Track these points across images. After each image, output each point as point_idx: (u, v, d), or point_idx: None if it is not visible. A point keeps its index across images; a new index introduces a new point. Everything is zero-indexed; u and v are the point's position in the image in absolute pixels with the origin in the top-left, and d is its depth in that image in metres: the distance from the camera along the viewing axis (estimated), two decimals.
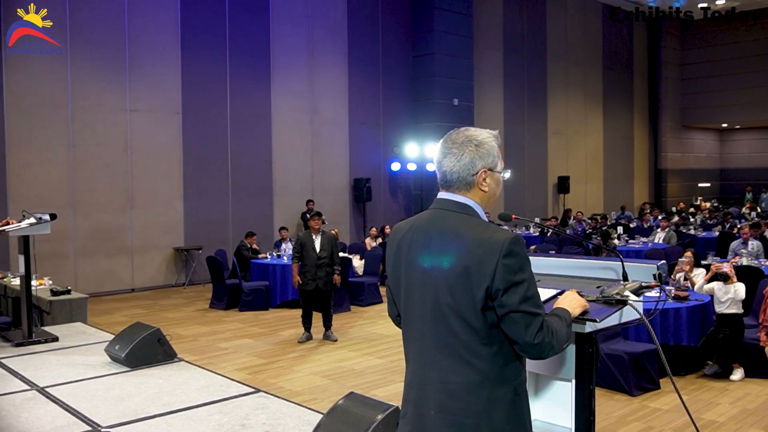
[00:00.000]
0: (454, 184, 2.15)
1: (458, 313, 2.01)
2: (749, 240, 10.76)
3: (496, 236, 2.00)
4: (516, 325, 1.97)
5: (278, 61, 14.54)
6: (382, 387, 6.60)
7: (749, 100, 23.09)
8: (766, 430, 5.43)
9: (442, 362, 2.05)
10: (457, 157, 2.13)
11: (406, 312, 2.18)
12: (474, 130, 2.17)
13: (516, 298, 1.96)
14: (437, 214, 2.16)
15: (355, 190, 15.82)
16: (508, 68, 19.11)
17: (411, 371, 2.18)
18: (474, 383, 2.01)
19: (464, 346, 2.02)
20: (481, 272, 1.97)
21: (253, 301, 10.66)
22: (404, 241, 2.20)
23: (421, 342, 2.12)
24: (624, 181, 23.43)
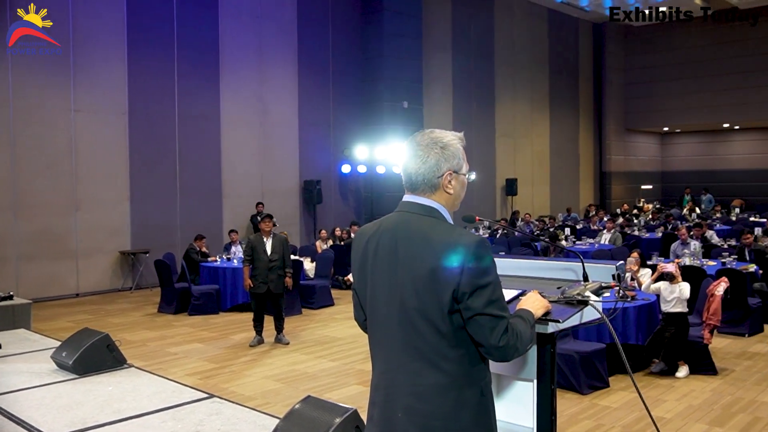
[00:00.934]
0: (420, 187, 2.14)
1: (425, 316, 2.01)
2: (690, 241, 11.08)
3: (462, 239, 2.01)
4: (481, 328, 1.98)
5: (227, 61, 14.36)
6: (337, 390, 6.57)
7: (689, 105, 23.81)
8: (711, 424, 5.59)
9: (410, 365, 2.05)
10: (423, 160, 2.13)
11: (373, 315, 2.18)
12: (439, 132, 2.18)
13: (481, 301, 1.97)
14: (403, 217, 2.15)
15: (305, 193, 15.73)
16: (457, 71, 19.28)
17: (378, 374, 2.17)
18: (442, 385, 2.01)
19: (432, 348, 2.02)
20: (448, 275, 1.98)
21: (202, 305, 10.50)
22: (370, 244, 2.18)
23: (388, 345, 2.11)
24: (570, 184, 23.88)
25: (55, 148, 11.99)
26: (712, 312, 6.90)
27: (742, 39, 22.54)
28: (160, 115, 13.32)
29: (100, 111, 12.52)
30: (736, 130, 25.31)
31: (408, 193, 2.19)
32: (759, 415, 5.80)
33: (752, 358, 7.63)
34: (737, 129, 25.24)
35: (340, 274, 12.99)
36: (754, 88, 22.32)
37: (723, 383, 6.69)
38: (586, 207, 22.93)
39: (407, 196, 2.20)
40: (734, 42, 22.75)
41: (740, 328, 8.61)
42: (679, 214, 19.51)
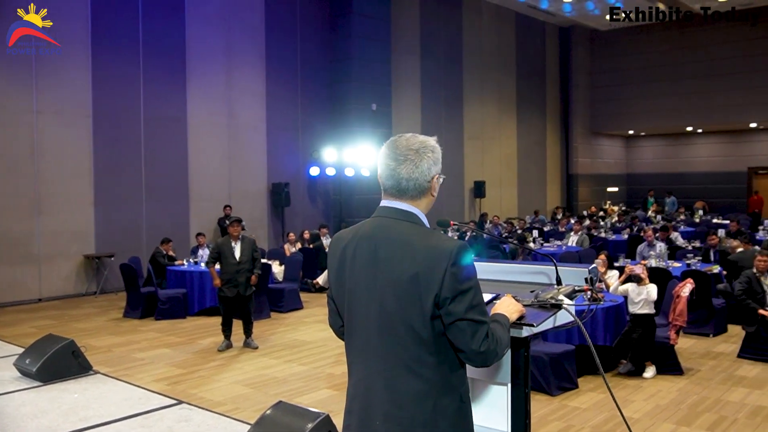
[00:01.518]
0: (409, 192, 2.12)
1: (406, 322, 2.00)
2: (655, 242, 11.24)
3: (444, 245, 2.00)
4: (462, 333, 1.97)
5: (194, 64, 14.21)
6: (307, 394, 6.52)
7: (653, 109, 24.19)
8: (678, 424, 5.66)
9: (389, 372, 2.03)
10: (415, 164, 2.11)
11: (351, 322, 2.15)
12: (422, 137, 2.17)
13: (462, 307, 1.96)
14: (383, 223, 2.13)
15: (273, 195, 15.63)
16: (425, 74, 19.34)
17: (355, 382, 2.15)
18: (421, 392, 2.00)
19: (411, 355, 2.00)
20: (430, 281, 1.96)
21: (169, 309, 10.36)
22: (348, 250, 2.16)
23: (366, 352, 2.09)
24: (537, 186, 24.09)
25: (16, 150, 11.75)
26: (678, 313, 7.00)
27: (705, 44, 22.98)
28: (125, 117, 13.13)
29: (63, 113, 12.29)
30: (699, 133, 25.79)
31: (389, 198, 2.15)
32: (724, 414, 5.89)
33: (717, 357, 7.76)
34: (700, 132, 25.72)
35: (309, 277, 12.93)
36: (717, 92, 22.76)
37: (689, 383, 6.78)
38: (553, 209, 23.14)
39: (387, 201, 2.16)
40: (697, 47, 23.18)
41: (705, 329, 8.75)
42: (644, 216, 19.80)
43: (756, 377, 6.96)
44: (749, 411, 5.95)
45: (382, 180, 2.16)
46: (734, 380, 6.87)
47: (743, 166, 24.92)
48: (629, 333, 6.95)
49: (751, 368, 7.29)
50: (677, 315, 7.01)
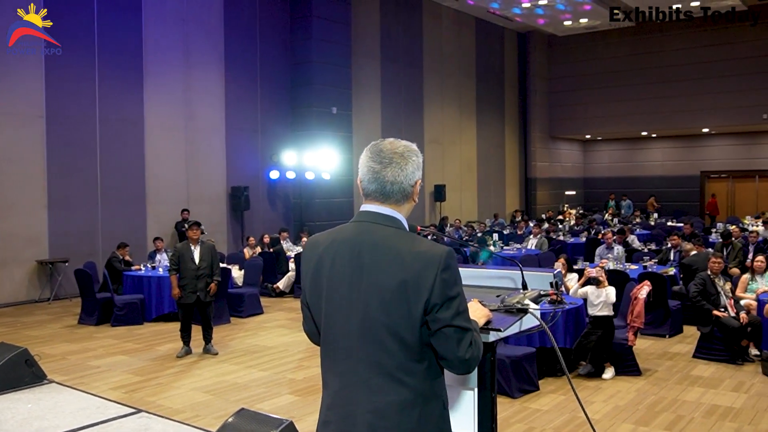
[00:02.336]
0: (393, 196, 2.09)
1: (392, 329, 1.95)
2: (613, 245, 11.42)
3: (433, 250, 1.97)
4: (449, 340, 1.94)
5: (151, 64, 13.98)
6: (268, 400, 6.44)
7: (610, 113, 24.62)
8: (636, 424, 5.75)
9: (372, 381, 1.97)
10: (401, 167, 2.09)
11: (329, 330, 2.07)
12: (405, 141, 2.16)
13: (450, 313, 1.94)
14: (366, 227, 2.08)
15: (232, 199, 15.46)
16: (386, 77, 19.36)
17: (333, 392, 2.06)
18: (406, 401, 1.96)
19: (397, 363, 1.96)
20: (419, 287, 1.93)
21: (126, 315, 10.16)
22: (326, 254, 2.09)
23: (347, 361, 2.02)
24: (496, 189, 24.30)
25: None
26: (636, 314, 7.11)
27: (660, 50, 23.49)
28: (80, 118, 12.84)
29: (14, 114, 11.97)
30: (654, 138, 26.33)
31: (372, 202, 2.11)
32: (681, 413, 5.99)
33: (673, 358, 7.91)
34: (655, 137, 26.25)
35: (269, 282, 12.82)
36: (671, 98, 23.27)
37: (647, 383, 6.90)
38: (512, 213, 23.36)
39: (369, 205, 2.12)
40: (652, 53, 23.67)
41: (661, 330, 8.92)
42: (602, 219, 20.12)
43: (711, 377, 7.11)
44: (705, 410, 6.07)
45: (364, 184, 2.11)
46: (690, 380, 7.00)
47: (696, 171, 25.52)
48: (589, 335, 7.03)
49: (706, 368, 7.44)
50: (635, 317, 7.11)
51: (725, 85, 22.27)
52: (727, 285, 8.14)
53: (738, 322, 7.59)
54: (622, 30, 23.75)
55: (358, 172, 2.16)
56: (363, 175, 2.12)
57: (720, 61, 22.34)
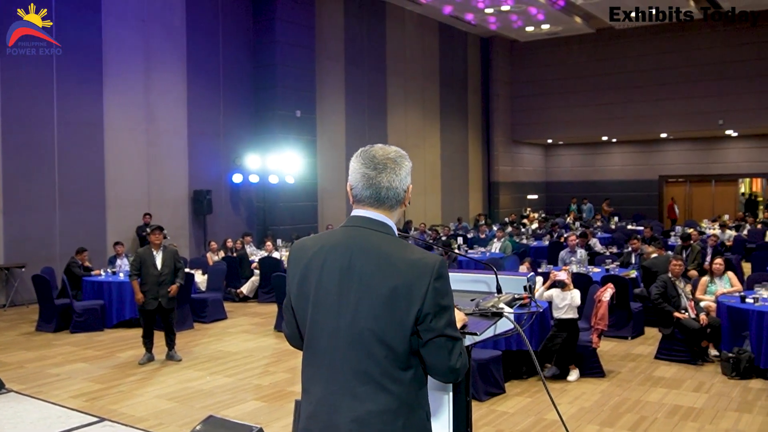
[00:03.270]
0: (387, 201, 2.07)
1: (381, 337, 1.93)
2: (576, 249, 11.55)
3: (426, 258, 1.96)
4: (440, 350, 1.94)
5: (111, 66, 13.71)
6: (234, 407, 6.36)
7: (571, 118, 24.95)
8: (602, 425, 5.81)
9: (357, 389, 1.95)
10: (396, 173, 2.08)
11: (314, 335, 2.03)
12: (394, 147, 2.14)
13: (442, 323, 1.93)
14: (358, 232, 2.05)
15: (194, 203, 15.26)
16: (350, 81, 19.33)
17: (315, 400, 2.02)
18: (391, 411, 1.93)
19: (383, 371, 1.93)
20: (411, 295, 1.92)
21: (86, 321, 9.95)
22: (316, 259, 2.06)
23: (331, 368, 1.99)
24: (460, 193, 24.43)
25: None
26: (600, 317, 7.19)
27: (620, 57, 23.88)
28: (37, 120, 12.54)
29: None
30: (614, 143, 26.75)
31: (365, 207, 2.09)
32: (644, 414, 6.08)
33: (635, 359, 8.02)
34: (615, 142, 26.67)
35: (233, 287, 12.68)
36: (630, 103, 23.68)
37: (611, 385, 6.98)
38: (475, 216, 23.50)
39: (361, 210, 2.09)
40: (612, 59, 24.06)
41: (623, 331, 9.04)
42: (564, 222, 20.35)
43: (673, 377, 7.22)
44: (667, 410, 6.16)
45: (357, 190, 2.08)
46: (653, 381, 7.11)
47: (654, 175, 26.00)
48: (554, 338, 7.09)
49: (667, 369, 7.56)
50: (599, 319, 7.19)
51: (683, 91, 22.75)
52: (688, 287, 8.28)
53: (698, 324, 7.73)
54: (583, 36, 24.11)
55: (348, 178, 2.15)
56: (356, 182, 2.09)
57: (678, 67, 22.82)
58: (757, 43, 21.51)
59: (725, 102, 21.96)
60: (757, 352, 7.08)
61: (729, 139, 24.44)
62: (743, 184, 25.68)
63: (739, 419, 5.90)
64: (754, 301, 7.42)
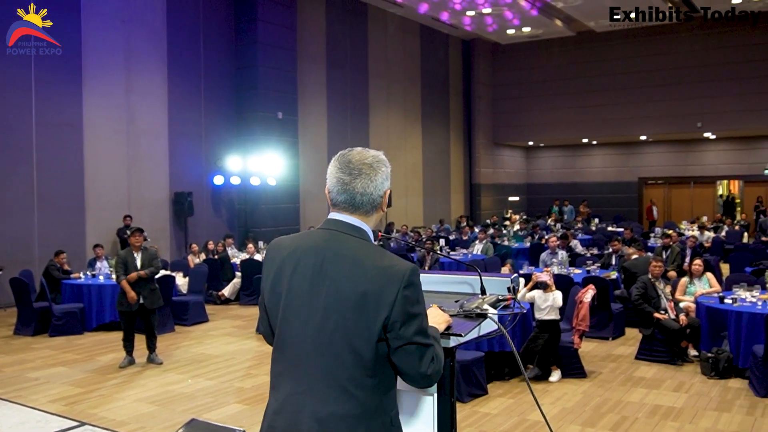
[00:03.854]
0: (362, 207, 2.07)
1: (348, 341, 1.93)
2: (557, 250, 11.62)
3: (397, 266, 1.96)
4: (410, 356, 1.94)
5: (91, 66, 13.57)
6: (216, 410, 6.32)
7: (552, 121, 25.10)
8: (583, 425, 5.84)
9: (321, 391, 1.96)
10: (371, 178, 2.07)
11: (284, 335, 2.05)
12: (374, 151, 2.13)
13: (411, 330, 1.93)
14: (333, 236, 2.06)
15: (175, 205, 15.15)
16: (332, 83, 19.30)
17: (281, 398, 2.03)
18: (352, 415, 1.94)
19: (348, 376, 1.94)
20: (380, 302, 1.92)
21: (65, 325, 9.84)
22: (289, 259, 2.07)
23: (298, 368, 2.00)
24: (442, 195, 24.48)
25: None
26: (581, 318, 7.24)
27: (601, 60, 24.07)
28: (15, 121, 12.39)
29: None
30: (594, 145, 26.94)
31: (341, 211, 2.09)
32: (626, 414, 6.12)
33: (616, 360, 8.07)
34: (595, 144, 26.87)
35: (214, 289, 12.61)
36: (610, 105, 23.87)
37: (592, 385, 7.02)
38: (457, 218, 23.56)
39: (338, 214, 2.10)
40: (593, 62, 24.24)
41: (604, 332, 9.11)
42: (545, 224, 20.46)
43: (653, 378, 7.28)
44: (648, 410, 6.21)
45: (332, 195, 2.09)
46: (633, 381, 7.16)
47: (634, 177, 26.22)
48: (536, 338, 7.13)
49: (648, 369, 7.62)
50: (580, 320, 7.24)
51: (662, 94, 22.98)
52: (667, 288, 8.36)
53: (678, 324, 7.81)
54: (564, 39, 24.27)
55: (326, 181, 2.14)
56: (332, 186, 2.09)
57: (657, 70, 23.05)
58: (735, 46, 21.79)
59: (704, 105, 22.21)
60: (735, 352, 7.16)
61: (707, 141, 24.71)
62: (721, 186, 25.96)
63: (718, 418, 5.97)
64: (733, 301, 7.50)
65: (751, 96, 21.52)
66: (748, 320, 7.08)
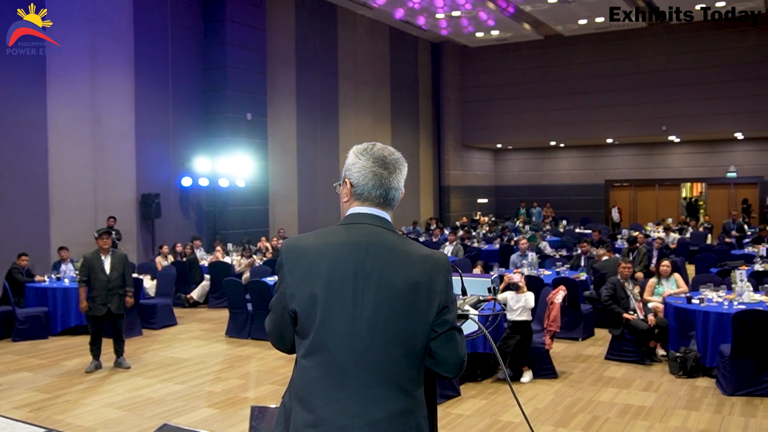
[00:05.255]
0: (393, 201, 2.12)
1: (400, 335, 1.91)
2: (527, 252, 11.70)
3: (437, 254, 2.03)
4: (453, 342, 1.98)
5: (55, 66, 13.28)
6: (186, 414, 6.22)
7: (520, 123, 25.28)
8: (555, 425, 5.87)
9: (372, 390, 1.88)
10: (402, 174, 2.16)
11: (322, 338, 1.92)
12: (391, 148, 2.19)
13: (453, 315, 2.00)
14: (372, 230, 2.01)
15: (143, 206, 14.92)
16: (301, 84, 19.20)
17: (319, 406, 1.90)
18: (406, 410, 1.91)
19: (401, 371, 1.91)
20: (433, 289, 1.94)
21: (29, 329, 9.64)
22: (322, 258, 1.96)
23: (343, 371, 1.90)
24: (411, 197, 24.49)
25: None
26: (552, 319, 7.29)
27: (568, 63, 24.32)
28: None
29: None
30: (562, 147, 27.21)
31: (369, 205, 2.08)
32: (597, 414, 6.17)
33: (587, 360, 8.15)
34: (562, 147, 27.13)
35: (183, 292, 12.46)
36: (577, 109, 24.13)
37: (563, 385, 7.07)
38: (427, 220, 23.61)
39: (365, 208, 2.08)
40: (560, 66, 24.49)
41: (574, 333, 9.19)
42: (513, 226, 20.61)
43: (623, 377, 7.36)
44: (619, 410, 6.27)
45: (364, 188, 2.08)
46: (604, 381, 7.23)
47: (601, 179, 26.54)
48: (508, 339, 7.15)
49: (618, 369, 7.71)
50: (551, 321, 7.29)
51: (628, 98, 23.30)
52: (636, 289, 8.46)
53: (646, 324, 7.91)
54: (531, 43, 24.48)
55: (344, 174, 2.19)
56: (364, 180, 2.09)
57: (623, 74, 23.37)
58: (698, 51, 22.18)
59: (668, 109, 22.57)
60: (703, 352, 7.27)
61: (672, 144, 25.12)
62: (685, 189, 26.40)
63: (687, 417, 6.05)
64: (700, 301, 7.62)
65: (714, 100, 21.93)
66: (715, 320, 7.20)
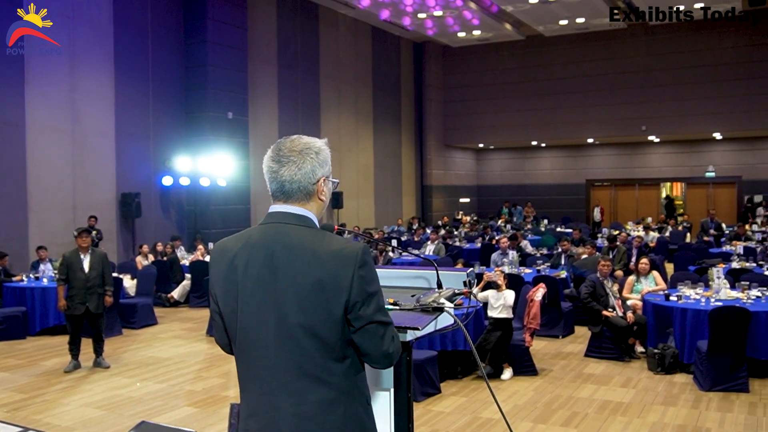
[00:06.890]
0: (294, 195, 2.05)
1: (311, 330, 1.92)
2: (508, 251, 11.76)
3: (348, 248, 1.96)
4: (372, 336, 1.94)
5: (33, 63, 13.16)
6: (166, 413, 6.19)
7: (501, 123, 25.38)
8: (535, 422, 5.91)
9: (293, 384, 1.93)
10: (298, 166, 2.05)
11: (244, 337, 2.01)
12: (308, 138, 2.12)
13: (371, 309, 1.94)
14: (277, 229, 2.03)
15: (123, 206, 14.80)
16: (283, 84, 19.15)
17: (253, 400, 2.01)
18: (329, 400, 1.93)
19: (317, 364, 1.93)
20: (337, 286, 1.91)
21: (7, 329, 9.54)
22: (238, 259, 2.02)
23: (265, 366, 1.97)
24: (393, 197, 24.51)
25: None
26: (532, 316, 7.33)
27: (549, 63, 24.44)
28: None
29: None
30: (543, 147, 27.34)
31: (278, 202, 2.08)
32: (576, 410, 6.22)
33: (566, 357, 8.21)
34: (544, 146, 27.26)
35: (163, 291, 12.39)
36: (558, 109, 24.26)
37: (543, 382, 7.12)
38: (409, 219, 23.64)
39: (277, 206, 2.08)
40: (541, 66, 24.60)
41: (555, 330, 9.25)
42: (496, 225, 20.69)
43: (602, 374, 7.42)
44: (598, 406, 6.32)
45: (267, 184, 2.09)
46: (583, 378, 7.29)
47: (582, 179, 26.70)
48: (488, 336, 7.19)
49: (597, 366, 7.77)
50: (531, 318, 7.33)
51: (608, 98, 23.47)
52: (615, 286, 8.54)
53: (625, 322, 7.98)
54: (513, 43, 24.58)
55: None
56: (265, 174, 2.09)
57: (603, 75, 23.54)
58: (677, 52, 22.39)
59: (648, 109, 22.76)
60: (680, 348, 7.35)
61: (651, 144, 25.33)
62: (665, 188, 26.63)
63: (665, 412, 6.11)
64: (678, 299, 7.70)
65: (693, 100, 22.16)
66: (692, 317, 7.27)
